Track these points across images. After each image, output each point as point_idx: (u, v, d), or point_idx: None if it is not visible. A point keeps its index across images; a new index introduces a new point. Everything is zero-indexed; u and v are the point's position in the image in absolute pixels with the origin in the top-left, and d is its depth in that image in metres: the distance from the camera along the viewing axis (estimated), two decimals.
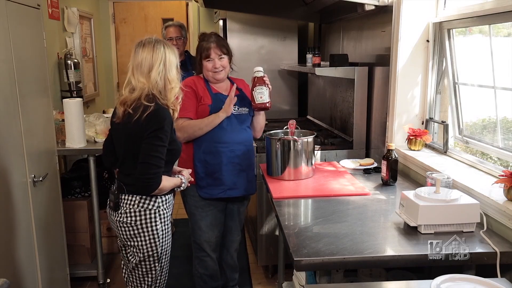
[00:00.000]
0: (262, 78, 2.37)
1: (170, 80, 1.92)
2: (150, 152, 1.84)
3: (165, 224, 2.00)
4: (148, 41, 1.92)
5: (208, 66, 2.38)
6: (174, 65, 1.94)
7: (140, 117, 1.83)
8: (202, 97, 2.37)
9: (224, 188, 2.43)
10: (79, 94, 3.83)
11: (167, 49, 1.92)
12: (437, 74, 2.50)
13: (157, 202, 1.95)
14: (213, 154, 2.38)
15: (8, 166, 2.05)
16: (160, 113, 1.86)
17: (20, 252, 2.14)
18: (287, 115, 4.16)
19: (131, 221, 1.95)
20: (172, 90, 1.92)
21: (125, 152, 1.95)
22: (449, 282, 1.34)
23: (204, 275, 2.56)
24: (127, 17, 5.89)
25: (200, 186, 2.41)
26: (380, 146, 2.79)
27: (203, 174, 2.40)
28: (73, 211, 3.06)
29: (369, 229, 1.76)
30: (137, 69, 1.90)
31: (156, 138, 1.84)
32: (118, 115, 1.93)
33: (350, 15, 3.17)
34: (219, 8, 4.14)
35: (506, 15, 1.89)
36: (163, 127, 1.84)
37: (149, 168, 1.84)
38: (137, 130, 1.86)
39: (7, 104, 2.04)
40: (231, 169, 2.42)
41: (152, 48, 1.89)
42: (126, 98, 1.90)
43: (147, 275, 2.02)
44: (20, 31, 2.18)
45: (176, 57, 1.97)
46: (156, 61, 1.88)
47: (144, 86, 1.88)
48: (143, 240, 1.96)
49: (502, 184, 1.72)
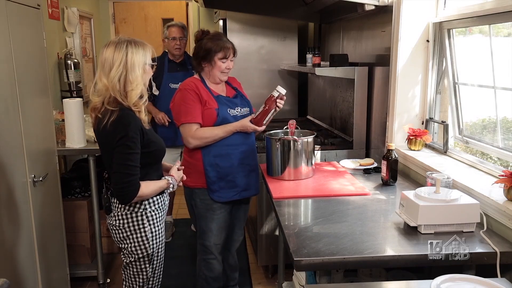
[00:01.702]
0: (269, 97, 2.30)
1: (131, 81, 1.83)
2: (120, 161, 1.80)
3: (155, 225, 1.98)
4: (113, 40, 1.87)
5: (222, 66, 2.34)
6: (139, 66, 1.85)
7: (106, 124, 1.80)
8: (207, 101, 2.32)
9: (238, 190, 2.43)
10: (79, 94, 3.82)
11: (130, 48, 1.84)
12: (437, 74, 2.50)
13: (143, 204, 1.93)
14: (224, 157, 2.36)
15: (8, 166, 2.05)
16: (124, 119, 1.80)
17: (20, 252, 2.14)
18: (287, 115, 4.16)
19: (120, 224, 1.95)
20: (132, 92, 1.84)
21: (104, 159, 1.95)
22: (449, 282, 1.34)
23: (209, 277, 2.54)
24: (127, 17, 5.89)
25: (212, 190, 2.38)
26: (380, 146, 2.79)
27: (215, 178, 2.37)
28: (73, 211, 3.06)
29: (369, 229, 1.76)
30: (101, 69, 1.86)
31: (123, 146, 1.80)
32: (92, 122, 1.93)
33: (350, 15, 3.17)
34: (219, 8, 4.14)
35: (506, 15, 1.89)
36: (127, 133, 1.79)
37: (122, 178, 1.81)
38: (106, 139, 1.84)
39: (7, 104, 2.04)
40: (243, 170, 2.42)
41: (114, 48, 1.84)
42: (95, 103, 1.87)
43: (138, 275, 2.02)
44: (20, 31, 2.18)
45: (146, 55, 1.88)
46: (116, 61, 1.82)
47: (105, 87, 1.83)
48: (133, 243, 1.96)
49: (502, 184, 1.72)
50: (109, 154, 1.85)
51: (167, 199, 2.08)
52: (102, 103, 1.84)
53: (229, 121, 2.35)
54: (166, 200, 2.07)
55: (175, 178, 2.04)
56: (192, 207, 2.51)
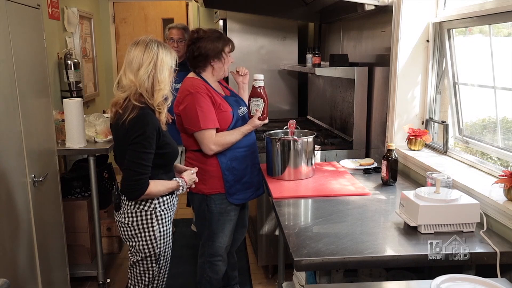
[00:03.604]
0: (259, 89, 2.29)
1: (160, 81, 1.87)
2: (133, 158, 1.83)
3: (164, 225, 1.99)
4: (142, 40, 1.90)
5: (231, 59, 2.36)
6: (167, 67, 1.89)
7: (125, 120, 1.81)
8: (221, 103, 2.29)
9: (253, 190, 2.45)
10: (79, 94, 3.82)
11: (161, 49, 1.88)
12: (437, 74, 2.50)
13: (153, 203, 1.95)
14: (239, 160, 2.36)
15: (8, 166, 2.05)
16: (143, 118, 1.82)
17: (20, 252, 2.14)
18: (287, 115, 4.16)
19: (129, 221, 1.96)
20: (160, 92, 1.87)
21: (118, 155, 1.96)
22: (449, 282, 1.34)
23: (213, 279, 2.52)
24: (127, 17, 5.89)
25: (230, 193, 2.36)
26: (380, 146, 2.79)
27: (233, 182, 2.36)
28: (73, 211, 3.06)
29: (369, 229, 1.76)
30: (128, 67, 1.88)
31: (138, 144, 1.82)
32: (110, 116, 1.95)
33: (350, 15, 3.17)
34: (219, 8, 4.14)
35: (506, 15, 1.89)
36: (144, 132, 1.81)
37: (132, 175, 1.83)
38: (123, 134, 1.85)
39: (7, 104, 2.04)
40: (254, 170, 2.44)
41: (144, 47, 1.87)
42: (118, 99, 1.89)
43: (145, 274, 2.02)
44: (20, 31, 2.18)
45: (172, 59, 1.92)
46: (146, 60, 1.85)
47: (132, 84, 1.85)
48: (140, 241, 1.97)
49: (502, 184, 1.72)
50: (123, 150, 1.87)
51: (176, 200, 2.09)
52: (125, 99, 1.86)
53: (241, 122, 2.36)
54: (176, 201, 2.08)
55: (186, 180, 2.05)
56: (202, 212, 2.43)
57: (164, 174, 1.98)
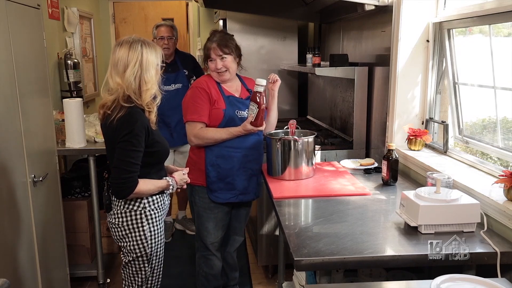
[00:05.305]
0: (257, 95, 2.22)
1: (146, 81, 1.85)
2: (121, 157, 1.82)
3: (154, 225, 1.99)
4: (126, 40, 1.88)
5: (211, 66, 2.36)
6: (153, 66, 1.87)
7: (114, 119, 1.81)
8: (216, 100, 2.33)
9: (236, 193, 2.42)
10: (79, 94, 3.82)
11: (145, 48, 1.86)
12: (437, 74, 2.50)
13: (142, 203, 1.94)
14: (226, 159, 2.36)
15: (8, 166, 2.05)
16: (131, 116, 1.82)
17: (20, 252, 2.14)
18: (287, 115, 4.16)
19: (119, 222, 1.96)
20: (147, 92, 1.86)
21: (108, 154, 1.96)
22: (449, 282, 1.34)
23: (209, 275, 2.54)
24: (127, 17, 5.89)
25: (211, 189, 2.39)
26: (380, 146, 2.79)
27: (215, 178, 2.37)
28: (73, 211, 3.06)
29: (369, 229, 1.76)
30: (114, 68, 1.86)
31: (126, 143, 1.81)
32: (99, 118, 1.95)
33: (350, 15, 3.17)
34: (219, 8, 4.14)
35: (506, 15, 1.89)
36: (133, 130, 1.80)
37: (120, 173, 1.82)
38: (111, 133, 1.85)
39: (7, 104, 2.04)
40: (243, 174, 2.41)
41: (128, 47, 1.85)
42: (106, 101, 1.88)
43: (137, 274, 2.02)
44: (20, 31, 2.18)
45: (158, 57, 1.90)
46: (131, 60, 1.83)
47: (119, 87, 1.84)
48: (131, 241, 1.96)
49: (502, 184, 1.72)
50: (113, 149, 1.87)
51: (167, 200, 2.08)
52: (113, 101, 1.85)
53: (236, 123, 2.34)
54: (167, 201, 2.07)
55: (176, 180, 2.04)
56: (191, 204, 2.54)
57: (155, 173, 1.97)
